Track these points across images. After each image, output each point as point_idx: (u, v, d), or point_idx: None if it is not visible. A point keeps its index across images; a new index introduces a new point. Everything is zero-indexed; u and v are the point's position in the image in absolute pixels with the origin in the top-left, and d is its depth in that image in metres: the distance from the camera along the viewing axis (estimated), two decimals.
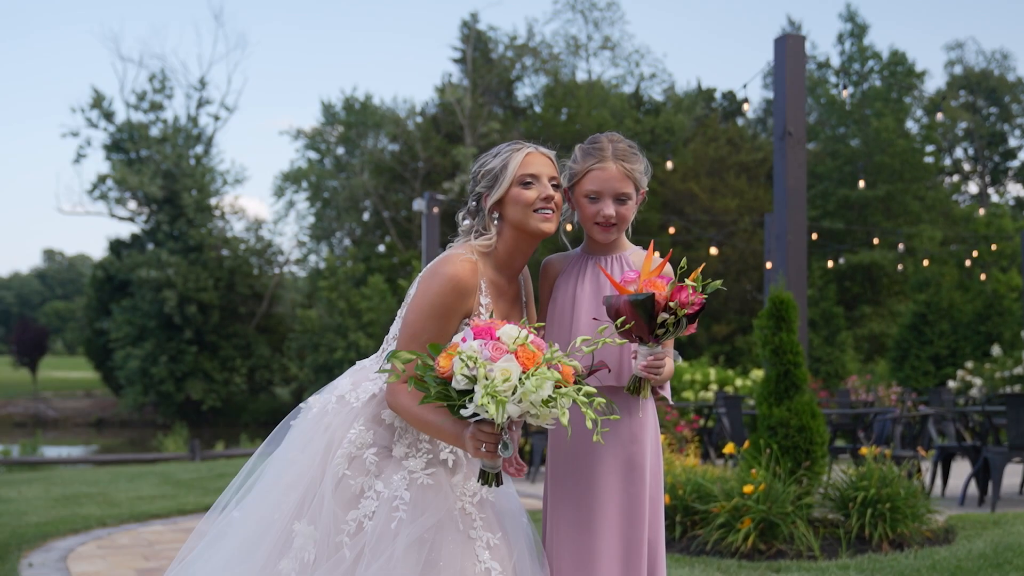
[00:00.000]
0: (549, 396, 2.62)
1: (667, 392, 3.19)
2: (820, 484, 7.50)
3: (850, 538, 7.07)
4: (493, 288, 3.11)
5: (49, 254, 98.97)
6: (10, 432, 40.80)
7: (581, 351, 2.82)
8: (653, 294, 2.84)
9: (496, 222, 3.14)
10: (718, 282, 2.91)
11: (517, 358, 2.64)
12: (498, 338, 2.69)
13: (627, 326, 2.85)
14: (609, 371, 3.02)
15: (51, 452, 27.78)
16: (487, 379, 2.61)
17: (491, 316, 2.98)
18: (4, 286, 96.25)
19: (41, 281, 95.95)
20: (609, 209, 3.10)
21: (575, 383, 2.71)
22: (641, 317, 2.84)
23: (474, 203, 3.17)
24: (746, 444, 7.72)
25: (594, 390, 2.69)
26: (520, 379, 2.61)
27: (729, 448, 7.56)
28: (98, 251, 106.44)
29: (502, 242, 3.14)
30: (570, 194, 3.20)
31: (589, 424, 2.63)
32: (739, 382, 17.19)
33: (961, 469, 12.34)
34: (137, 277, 43.92)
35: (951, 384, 19.44)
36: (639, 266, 3.09)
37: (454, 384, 2.67)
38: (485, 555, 2.96)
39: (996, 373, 19.13)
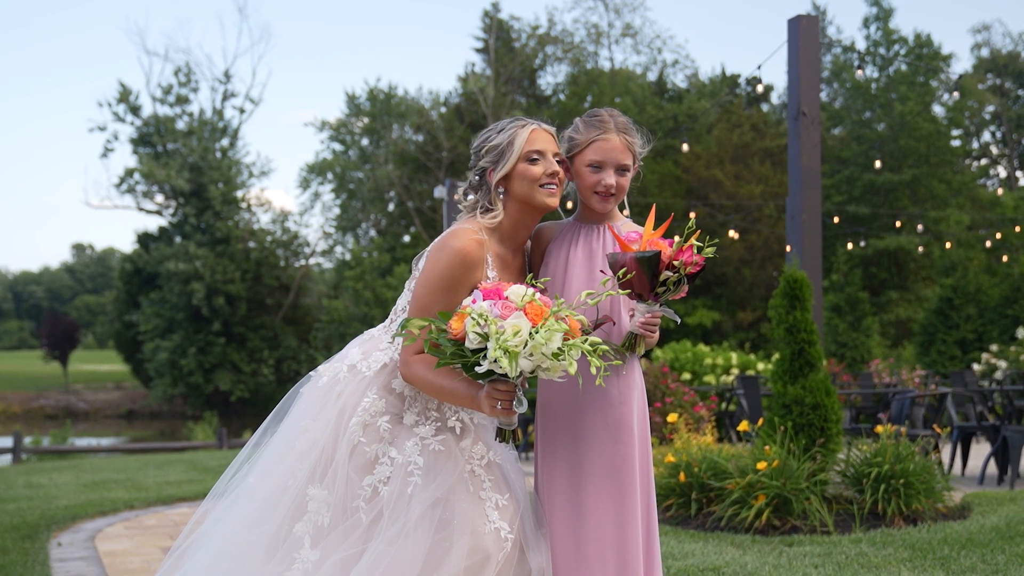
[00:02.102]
0: (559, 348, 2.71)
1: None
2: (835, 461, 7.55)
3: (863, 514, 7.12)
4: (499, 261, 3.20)
5: (78, 248, 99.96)
6: (42, 424, 41.33)
7: (586, 304, 2.92)
8: (659, 252, 2.94)
9: (500, 196, 3.22)
10: (712, 248, 3.00)
11: (526, 314, 2.74)
12: (506, 297, 2.79)
13: (628, 276, 2.95)
14: (614, 324, 3.11)
15: (81, 443, 28.14)
16: (498, 335, 2.70)
17: None
18: (34, 281, 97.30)
19: (70, 275, 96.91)
20: (610, 179, 3.20)
21: (582, 335, 2.81)
22: (645, 274, 2.95)
23: (477, 178, 3.24)
24: (760, 422, 7.78)
25: (599, 340, 2.80)
26: (530, 333, 2.70)
27: (743, 426, 7.62)
28: (126, 245, 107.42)
29: (507, 216, 3.22)
30: (569, 164, 3.29)
31: (593, 370, 2.76)
32: (761, 366, 17.21)
33: (983, 450, 12.34)
34: (165, 270, 44.32)
35: (976, 367, 19.35)
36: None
37: (467, 344, 2.76)
38: (495, 515, 3.06)
39: (1021, 356, 19.04)
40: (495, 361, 2.71)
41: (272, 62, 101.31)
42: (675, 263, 2.96)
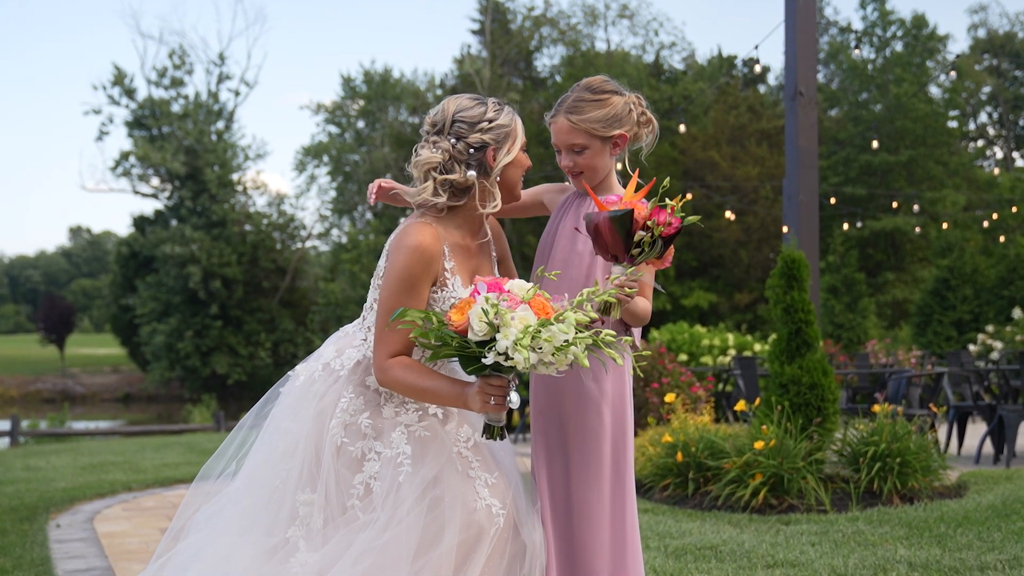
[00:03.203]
0: (566, 342, 2.68)
1: (636, 337, 3.25)
2: (832, 440, 7.57)
3: (860, 492, 7.14)
4: (457, 250, 3.12)
5: (74, 232, 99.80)
6: (39, 408, 41.36)
7: (593, 299, 2.85)
8: (632, 210, 2.90)
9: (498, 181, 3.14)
10: (696, 217, 2.97)
11: (531, 307, 2.72)
12: (508, 291, 2.76)
13: (611, 228, 2.92)
14: (603, 323, 3.09)
15: (79, 426, 28.16)
16: (513, 326, 2.65)
17: (459, 279, 3.06)
18: (31, 264, 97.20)
19: (67, 259, 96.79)
20: (566, 160, 3.19)
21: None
22: (619, 233, 2.90)
23: (473, 151, 3.10)
24: (757, 401, 7.79)
25: (613, 333, 2.76)
26: (543, 323, 2.66)
27: (741, 406, 7.63)
28: (123, 228, 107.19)
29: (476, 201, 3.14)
30: None
31: (620, 362, 2.78)
32: (758, 347, 17.23)
33: (979, 430, 12.38)
34: (161, 253, 44.29)
35: (972, 347, 19.40)
36: None
37: (471, 336, 2.70)
38: (485, 492, 3.05)
39: (1017, 336, 19.08)
40: (503, 353, 2.64)
41: (267, 44, 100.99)
42: (648, 223, 2.92)
